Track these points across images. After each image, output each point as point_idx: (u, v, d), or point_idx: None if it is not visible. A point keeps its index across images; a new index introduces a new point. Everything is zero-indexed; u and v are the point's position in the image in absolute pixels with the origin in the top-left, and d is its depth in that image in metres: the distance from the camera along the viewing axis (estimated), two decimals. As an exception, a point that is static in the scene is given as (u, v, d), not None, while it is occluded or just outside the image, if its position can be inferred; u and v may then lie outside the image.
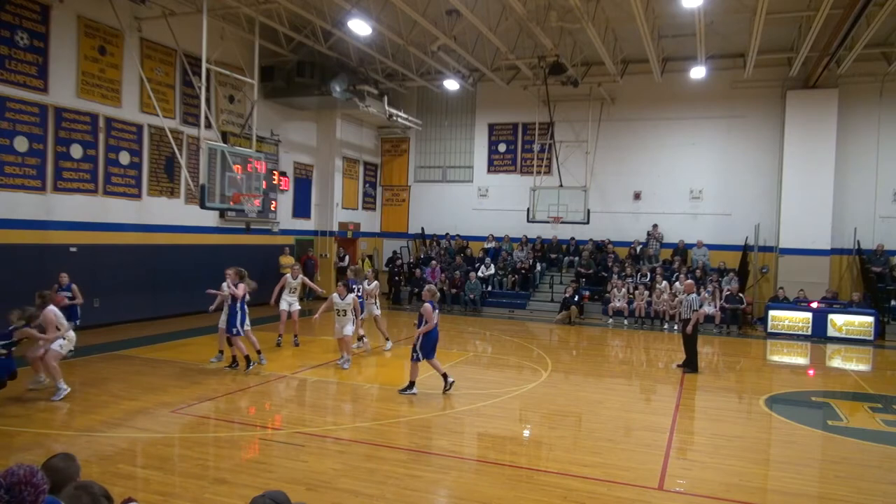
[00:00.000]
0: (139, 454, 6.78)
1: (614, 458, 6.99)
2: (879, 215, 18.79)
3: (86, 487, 2.81)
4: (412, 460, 6.75)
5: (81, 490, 2.77)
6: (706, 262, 19.59)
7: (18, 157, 12.42)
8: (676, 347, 15.00)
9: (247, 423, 7.87)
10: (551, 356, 13.06)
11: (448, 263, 21.57)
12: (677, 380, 11.26)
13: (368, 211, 24.23)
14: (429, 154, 24.23)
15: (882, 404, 9.90)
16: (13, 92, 12.26)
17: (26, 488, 2.48)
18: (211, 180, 12.94)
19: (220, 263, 11.78)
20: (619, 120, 21.27)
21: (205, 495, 5.63)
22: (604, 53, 17.05)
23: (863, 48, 15.91)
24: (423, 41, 17.16)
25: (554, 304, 19.37)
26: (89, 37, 13.64)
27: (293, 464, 6.48)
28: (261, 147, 17.44)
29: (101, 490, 2.81)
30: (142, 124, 14.99)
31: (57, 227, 13.21)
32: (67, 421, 7.70)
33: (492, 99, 22.60)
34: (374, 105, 20.23)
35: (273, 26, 16.59)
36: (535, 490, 6.00)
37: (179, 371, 10.39)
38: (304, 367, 11.16)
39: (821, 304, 16.94)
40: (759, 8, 13.46)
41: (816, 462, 7.38)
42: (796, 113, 18.82)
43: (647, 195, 21.23)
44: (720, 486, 6.27)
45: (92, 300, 13.93)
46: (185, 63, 15.21)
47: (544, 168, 21.31)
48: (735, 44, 17.93)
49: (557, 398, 9.67)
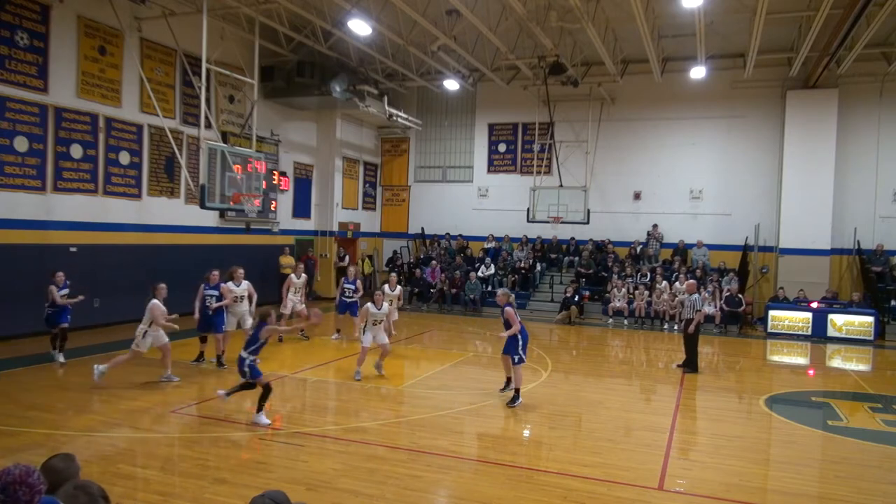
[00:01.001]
0: (139, 454, 6.78)
1: (614, 458, 6.99)
2: (879, 215, 18.80)
3: (84, 487, 2.80)
4: (412, 460, 6.75)
5: (79, 490, 2.77)
6: (706, 262, 19.59)
7: (18, 157, 12.42)
8: (676, 347, 15.00)
9: (247, 423, 7.87)
10: (551, 356, 13.06)
11: (448, 263, 21.57)
12: (677, 380, 11.26)
13: (368, 211, 24.23)
14: (429, 154, 24.24)
15: (882, 404, 9.90)
16: (13, 92, 12.26)
17: (21, 488, 2.47)
18: (211, 180, 12.94)
19: (220, 263, 11.76)
20: (619, 120, 21.27)
21: (205, 495, 5.63)
22: (604, 53, 17.05)
23: (863, 48, 15.91)
24: (423, 41, 17.16)
25: (554, 304, 19.37)
26: (89, 37, 13.64)
27: (293, 464, 6.48)
28: (261, 147, 17.45)
29: (100, 490, 2.81)
30: (142, 124, 14.99)
31: (57, 227, 13.21)
32: (67, 421, 7.69)
33: (492, 99, 22.61)
34: (374, 105, 20.23)
35: (273, 26, 16.59)
36: (535, 490, 6.00)
37: (179, 371, 10.38)
38: (305, 367, 11.16)
39: (821, 304, 16.94)
40: (759, 8, 13.46)
41: (816, 462, 7.38)
42: (796, 113, 18.82)
43: (647, 195, 21.23)
44: (720, 486, 6.27)
45: (92, 300, 13.96)
46: (185, 63, 15.21)
47: (544, 168, 21.32)
48: (735, 44, 17.93)
49: (557, 398, 9.66)
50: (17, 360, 10.70)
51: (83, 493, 2.74)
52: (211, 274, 10.87)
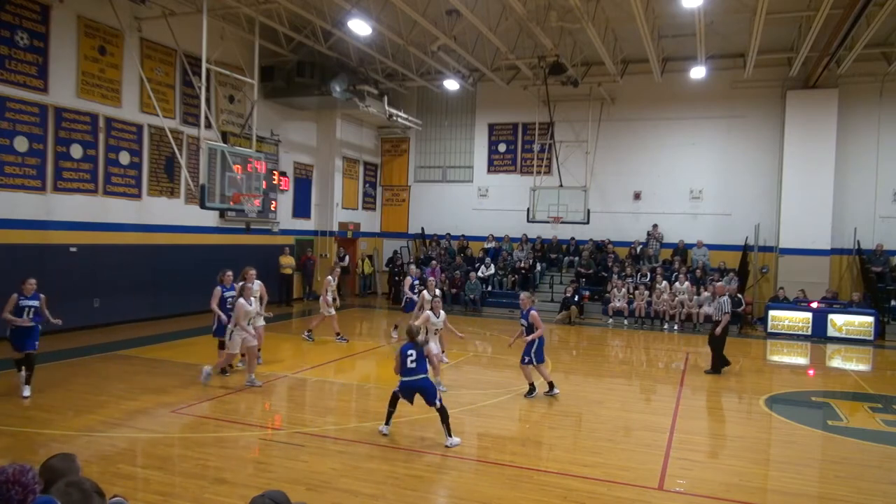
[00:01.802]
0: (139, 454, 6.78)
1: (614, 458, 6.99)
2: (879, 215, 18.79)
3: (77, 484, 2.80)
4: (412, 460, 6.75)
5: (72, 487, 2.75)
6: (706, 262, 19.59)
7: (18, 157, 12.42)
8: (676, 347, 15.02)
9: (247, 423, 7.87)
10: (551, 356, 13.01)
11: (448, 263, 21.57)
12: (677, 380, 11.26)
13: (368, 211, 24.23)
14: (429, 154, 24.24)
15: (882, 404, 9.90)
16: (13, 92, 12.26)
17: (14, 487, 2.47)
18: (211, 180, 12.93)
19: (220, 263, 11.75)
20: (619, 120, 21.27)
21: (205, 495, 5.63)
22: (604, 53, 17.05)
23: (863, 48, 15.91)
24: (423, 41, 17.16)
25: (554, 304, 19.36)
26: (89, 37, 13.63)
27: (293, 464, 6.48)
28: (261, 147, 17.45)
29: (93, 486, 2.80)
30: (142, 124, 14.99)
31: (57, 227, 13.20)
32: (67, 421, 7.69)
33: (492, 99, 22.60)
34: (374, 105, 20.23)
35: (273, 26, 16.59)
36: (535, 490, 6.00)
37: (179, 371, 10.39)
38: (306, 366, 11.16)
39: (821, 304, 16.94)
40: (759, 8, 13.46)
41: (816, 462, 7.38)
42: (796, 113, 18.82)
43: (647, 195, 21.23)
44: (720, 486, 6.27)
45: (92, 300, 13.98)
46: (185, 63, 15.21)
47: (544, 168, 21.32)
48: (735, 44, 17.93)
49: (557, 398, 9.66)
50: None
51: (76, 490, 2.73)
52: (225, 275, 10.45)
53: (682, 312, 17.64)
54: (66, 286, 13.22)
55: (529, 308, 9.59)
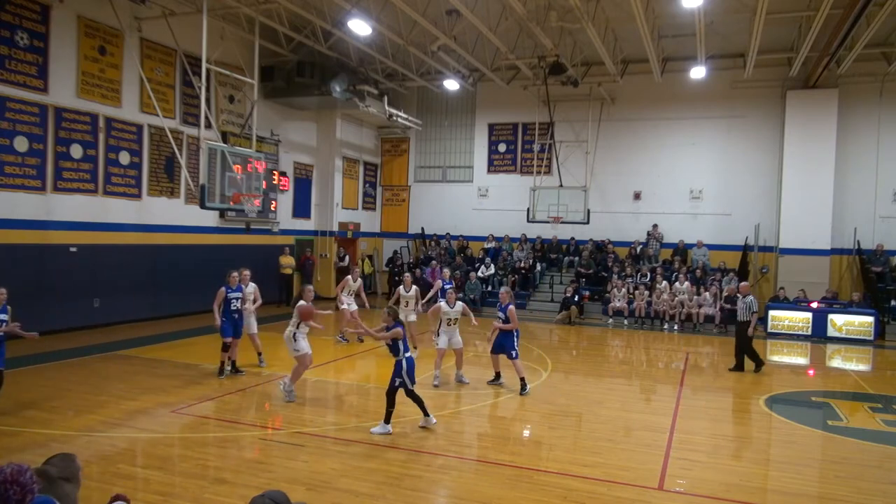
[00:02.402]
0: (139, 454, 6.78)
1: (614, 458, 6.99)
2: (879, 215, 18.80)
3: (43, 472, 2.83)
4: (412, 460, 6.75)
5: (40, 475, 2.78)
6: (706, 262, 19.59)
7: (18, 157, 12.42)
8: (676, 347, 15.02)
9: (247, 423, 7.87)
10: (551, 356, 13.05)
11: (448, 263, 21.55)
12: (677, 380, 11.26)
13: (368, 211, 24.23)
14: (429, 154, 24.24)
15: (882, 404, 9.90)
16: (13, 92, 12.26)
17: (12, 487, 2.47)
18: (211, 180, 12.94)
19: (220, 263, 11.76)
20: (619, 120, 21.28)
21: (205, 495, 5.63)
22: (604, 53, 17.05)
23: (863, 48, 15.91)
24: (423, 41, 17.16)
25: (554, 304, 19.37)
26: (89, 37, 13.63)
27: (293, 464, 6.48)
28: (261, 147, 17.45)
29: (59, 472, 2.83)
30: (142, 124, 14.99)
31: (57, 227, 13.20)
32: (67, 421, 7.69)
33: (492, 99, 22.60)
34: (374, 105, 20.23)
35: (273, 26, 16.59)
36: (535, 490, 6.00)
37: (179, 371, 10.39)
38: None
39: (821, 304, 16.94)
40: (759, 8, 13.47)
41: (816, 462, 7.38)
42: (796, 113, 18.82)
43: (647, 195, 21.23)
44: (720, 486, 6.27)
45: (92, 300, 13.98)
46: (185, 63, 15.21)
47: (544, 168, 21.32)
48: (735, 44, 17.93)
49: (557, 398, 9.66)
50: (16, 361, 10.68)
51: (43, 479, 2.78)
52: (231, 276, 10.26)
53: (682, 312, 17.64)
54: (66, 286, 13.26)
55: (508, 303, 9.83)
